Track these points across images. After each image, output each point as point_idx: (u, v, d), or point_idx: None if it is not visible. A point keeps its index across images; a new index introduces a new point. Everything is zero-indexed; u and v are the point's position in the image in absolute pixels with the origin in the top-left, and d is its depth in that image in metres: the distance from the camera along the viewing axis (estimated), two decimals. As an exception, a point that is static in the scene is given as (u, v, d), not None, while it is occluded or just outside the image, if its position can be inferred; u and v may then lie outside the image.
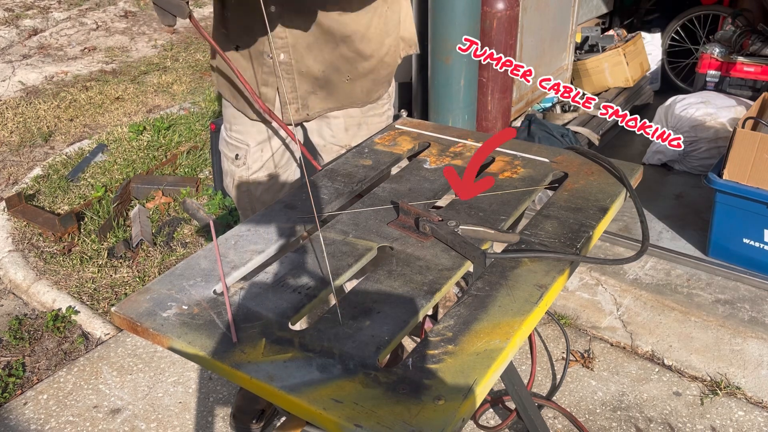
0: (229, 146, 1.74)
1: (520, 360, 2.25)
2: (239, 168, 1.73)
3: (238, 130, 1.70)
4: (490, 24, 2.81)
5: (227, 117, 1.73)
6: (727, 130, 3.11)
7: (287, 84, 1.58)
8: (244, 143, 1.70)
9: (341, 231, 1.24)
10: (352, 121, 1.71)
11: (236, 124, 1.70)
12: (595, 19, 4.30)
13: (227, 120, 1.74)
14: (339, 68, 1.59)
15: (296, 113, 1.63)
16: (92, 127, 4.39)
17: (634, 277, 2.59)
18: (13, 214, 3.17)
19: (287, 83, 1.58)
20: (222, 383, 2.20)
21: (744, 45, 3.69)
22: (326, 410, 0.84)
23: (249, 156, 1.71)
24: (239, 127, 1.70)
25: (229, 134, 1.73)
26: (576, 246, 1.16)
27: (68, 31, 6.42)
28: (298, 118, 1.65)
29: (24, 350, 2.42)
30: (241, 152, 1.71)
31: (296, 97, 1.61)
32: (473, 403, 0.86)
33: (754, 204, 2.41)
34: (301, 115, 1.64)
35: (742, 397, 2.06)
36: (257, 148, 1.71)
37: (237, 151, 1.72)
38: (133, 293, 1.10)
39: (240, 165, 1.72)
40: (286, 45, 1.53)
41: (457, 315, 1.00)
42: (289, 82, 1.58)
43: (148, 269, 2.83)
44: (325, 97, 1.63)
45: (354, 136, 1.73)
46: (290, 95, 1.60)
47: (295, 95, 1.60)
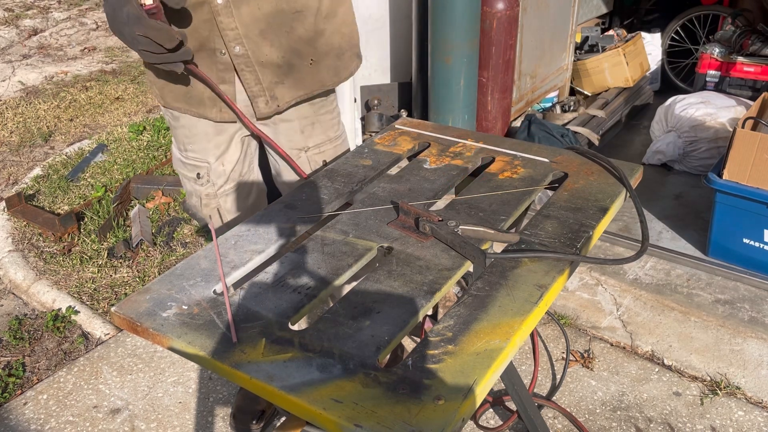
0: (187, 166, 1.67)
1: (520, 360, 2.25)
2: (204, 186, 1.68)
3: (194, 149, 1.63)
4: (490, 24, 2.81)
5: (179, 138, 1.65)
6: (727, 130, 3.11)
7: (250, 77, 1.49)
8: (204, 161, 1.64)
9: (341, 231, 1.24)
10: (306, 121, 1.64)
11: (191, 143, 1.63)
12: (595, 19, 4.30)
13: (179, 141, 1.66)
14: (299, 51, 1.51)
15: (266, 106, 1.53)
16: (92, 127, 4.39)
17: (634, 277, 2.59)
18: (13, 214, 3.17)
19: (249, 76, 1.49)
20: (222, 383, 2.20)
21: (744, 45, 3.68)
22: (326, 410, 0.85)
23: (211, 173, 1.66)
24: (195, 146, 1.63)
25: (185, 155, 1.66)
26: (576, 246, 1.16)
27: (68, 31, 6.42)
28: (269, 111, 1.55)
29: (24, 350, 2.42)
30: (202, 171, 1.65)
31: (262, 90, 1.51)
32: (473, 403, 0.86)
33: (754, 204, 2.41)
34: (271, 107, 1.54)
35: (742, 397, 2.06)
36: (218, 163, 1.65)
37: (197, 171, 1.66)
38: (133, 293, 1.10)
39: (204, 183, 1.67)
40: (239, 36, 1.44)
41: (457, 315, 1.01)
42: (251, 75, 1.49)
43: (148, 269, 2.83)
44: (293, 86, 1.54)
45: (309, 136, 1.66)
46: (255, 88, 1.51)
47: (261, 87, 1.51)
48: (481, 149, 1.54)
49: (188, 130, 1.61)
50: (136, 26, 1.25)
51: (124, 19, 1.27)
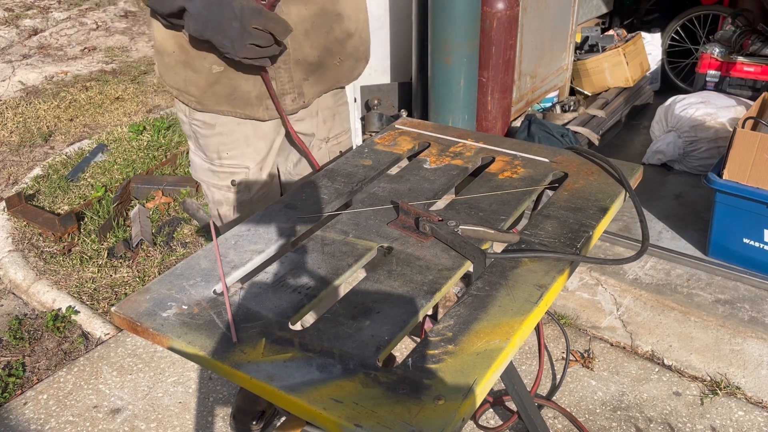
0: (219, 175, 1.62)
1: (520, 360, 2.25)
2: (238, 194, 1.64)
3: (232, 155, 1.59)
4: (490, 24, 2.81)
5: (211, 145, 1.59)
6: (727, 130, 3.11)
7: (284, 74, 1.51)
8: (243, 167, 1.61)
9: (341, 231, 1.24)
10: (328, 112, 1.69)
11: (229, 149, 1.59)
12: (595, 19, 4.30)
13: (211, 149, 1.59)
14: (332, 51, 1.55)
15: (292, 102, 1.56)
16: (92, 127, 4.39)
17: (634, 277, 2.59)
18: (13, 214, 3.17)
19: (284, 73, 1.51)
20: (222, 383, 2.20)
21: (744, 45, 3.68)
22: (326, 410, 0.84)
23: (250, 177, 1.62)
24: (233, 151, 1.59)
25: (218, 162, 1.61)
26: (576, 246, 1.16)
27: (68, 31, 6.42)
28: (295, 107, 1.58)
29: (24, 350, 2.42)
30: (238, 177, 1.62)
31: (292, 87, 1.54)
32: (473, 403, 0.86)
33: (754, 204, 2.41)
34: (297, 103, 1.57)
35: (742, 397, 2.06)
36: (256, 168, 1.62)
37: (232, 177, 1.62)
38: (133, 293, 1.10)
39: (240, 190, 1.63)
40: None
41: (457, 315, 1.01)
42: (286, 72, 1.51)
43: (148, 269, 2.83)
44: (316, 82, 1.58)
45: (330, 127, 1.71)
46: (287, 85, 1.53)
47: (292, 85, 1.54)
48: (481, 149, 1.54)
49: (226, 136, 1.57)
50: (254, 19, 1.26)
51: (234, 15, 1.26)
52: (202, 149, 1.62)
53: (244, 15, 1.26)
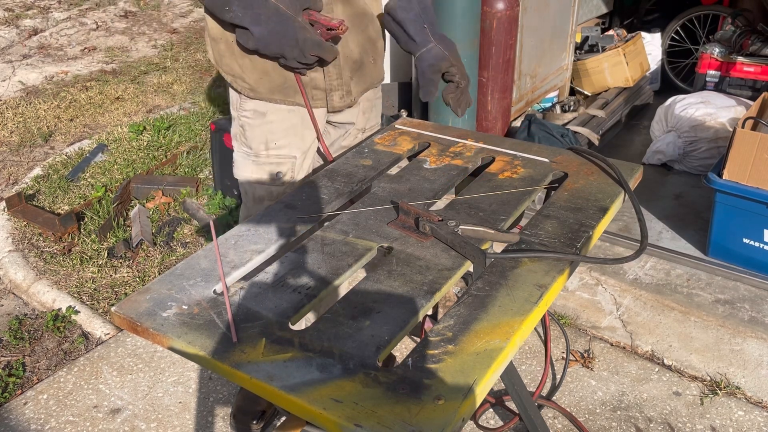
0: (264, 168, 1.64)
1: (520, 360, 2.25)
2: (283, 186, 1.65)
3: (282, 144, 1.62)
4: (490, 24, 2.81)
5: (260, 135, 1.61)
6: (727, 130, 3.11)
7: (333, 70, 1.58)
8: (290, 156, 1.63)
9: (341, 231, 1.25)
10: (369, 104, 1.76)
11: (279, 138, 1.61)
12: (595, 19, 4.30)
13: (260, 139, 1.62)
14: (368, 50, 1.64)
15: (340, 100, 1.62)
16: (92, 127, 4.39)
17: (634, 277, 2.59)
18: (13, 214, 3.17)
19: (333, 69, 1.58)
20: (222, 383, 2.20)
21: (744, 45, 3.69)
22: (326, 410, 0.85)
23: (296, 168, 1.65)
24: (283, 140, 1.61)
25: (267, 153, 1.62)
26: (576, 246, 1.16)
27: (68, 31, 6.42)
28: (342, 105, 1.64)
29: (24, 350, 2.42)
30: (284, 168, 1.64)
31: (341, 84, 1.61)
32: (473, 403, 0.86)
33: (754, 204, 2.42)
34: (345, 101, 1.64)
35: (742, 397, 2.06)
36: (302, 158, 1.65)
37: (279, 169, 1.64)
38: (133, 293, 1.10)
39: (285, 182, 1.65)
40: None
41: (457, 315, 1.01)
42: (335, 69, 1.58)
43: (148, 269, 2.83)
44: (359, 81, 1.66)
45: (368, 118, 1.79)
46: (336, 81, 1.60)
47: (340, 82, 1.60)
48: (481, 149, 1.54)
49: (277, 125, 1.61)
50: (315, 49, 1.41)
51: (296, 43, 1.40)
52: (248, 143, 1.65)
53: (306, 45, 1.40)
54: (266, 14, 1.38)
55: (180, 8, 7.21)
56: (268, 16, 1.38)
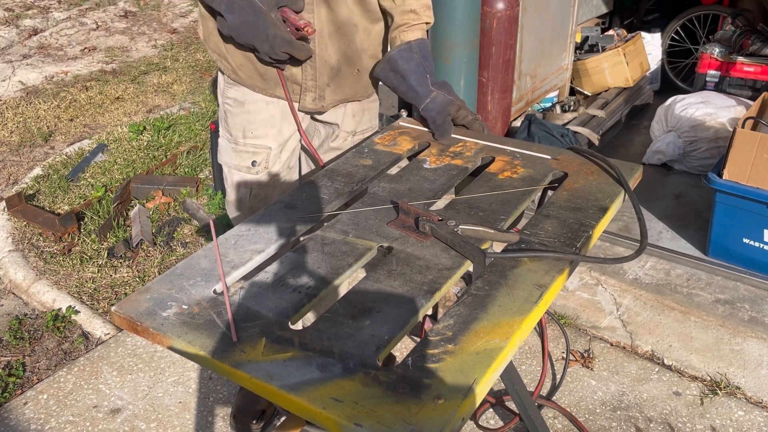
0: (242, 155, 1.67)
1: (520, 360, 2.25)
2: (258, 174, 1.68)
3: (257, 134, 1.65)
4: (490, 24, 2.81)
5: (238, 124, 1.66)
6: (727, 130, 3.11)
7: (309, 71, 1.59)
8: (265, 147, 1.66)
9: (341, 231, 1.25)
10: (359, 107, 1.76)
11: (255, 128, 1.65)
12: (595, 19, 4.30)
13: (238, 128, 1.66)
14: (351, 60, 1.63)
15: (312, 102, 1.64)
16: (92, 127, 4.39)
17: (634, 276, 2.59)
18: (13, 214, 3.17)
19: (309, 70, 1.59)
20: (222, 383, 2.20)
21: (744, 45, 3.68)
22: (326, 409, 0.85)
23: (270, 159, 1.67)
24: (258, 131, 1.65)
25: (243, 141, 1.66)
26: (576, 245, 1.16)
27: (68, 31, 6.42)
28: (314, 108, 1.66)
29: (24, 350, 2.42)
30: (259, 158, 1.67)
31: (315, 86, 1.62)
32: (473, 403, 0.86)
33: (754, 204, 2.41)
34: (317, 105, 1.65)
35: (742, 397, 2.06)
36: (278, 149, 1.68)
37: (254, 158, 1.67)
38: (133, 293, 1.10)
39: (259, 171, 1.68)
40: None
41: (456, 314, 1.01)
42: (312, 70, 1.59)
43: (148, 269, 2.83)
44: (336, 89, 1.66)
45: (359, 122, 1.79)
46: (310, 83, 1.61)
47: (315, 84, 1.61)
48: (481, 149, 1.54)
49: (253, 114, 1.64)
50: (284, 46, 1.43)
51: (267, 38, 1.41)
52: (229, 129, 1.69)
53: (275, 42, 1.42)
54: (240, 4, 1.40)
55: (180, 8, 7.21)
56: (241, 7, 1.40)
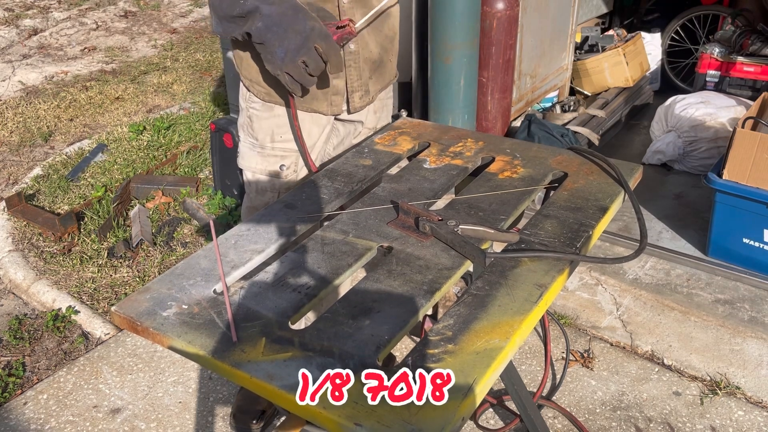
0: (269, 159, 1.66)
1: (520, 360, 2.25)
2: (287, 178, 1.67)
3: (288, 138, 1.63)
4: (490, 24, 2.81)
5: (266, 128, 1.63)
6: (727, 130, 3.11)
7: (354, 73, 1.60)
8: (294, 150, 1.64)
9: (341, 231, 1.25)
10: (380, 104, 1.77)
11: (284, 132, 1.63)
12: (595, 19, 4.30)
13: (266, 132, 1.64)
14: (387, 48, 1.66)
15: (360, 100, 1.65)
16: (92, 127, 4.39)
17: (634, 276, 2.59)
18: (13, 214, 3.17)
19: (354, 72, 1.60)
20: (222, 383, 2.20)
21: (744, 45, 3.68)
22: (326, 409, 0.85)
23: (299, 161, 1.66)
24: (288, 135, 1.63)
25: (272, 146, 1.65)
26: (576, 245, 1.16)
27: (68, 31, 6.42)
28: (362, 104, 1.67)
29: (24, 350, 2.42)
30: (288, 161, 1.66)
31: (361, 84, 1.63)
32: (473, 403, 0.86)
33: (753, 204, 2.42)
34: (364, 100, 1.67)
35: (742, 397, 2.06)
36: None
37: (283, 162, 1.66)
38: (133, 293, 1.10)
39: (289, 174, 1.67)
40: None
41: (456, 314, 1.01)
42: (356, 71, 1.60)
43: (148, 269, 2.83)
44: (378, 79, 1.68)
45: (380, 118, 1.80)
46: (356, 83, 1.62)
47: (360, 83, 1.63)
48: (481, 149, 1.54)
49: (284, 118, 1.62)
50: (320, 40, 1.32)
51: (304, 29, 1.31)
52: (254, 134, 1.66)
53: (312, 33, 1.32)
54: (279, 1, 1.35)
55: (180, 8, 7.21)
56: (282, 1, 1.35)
